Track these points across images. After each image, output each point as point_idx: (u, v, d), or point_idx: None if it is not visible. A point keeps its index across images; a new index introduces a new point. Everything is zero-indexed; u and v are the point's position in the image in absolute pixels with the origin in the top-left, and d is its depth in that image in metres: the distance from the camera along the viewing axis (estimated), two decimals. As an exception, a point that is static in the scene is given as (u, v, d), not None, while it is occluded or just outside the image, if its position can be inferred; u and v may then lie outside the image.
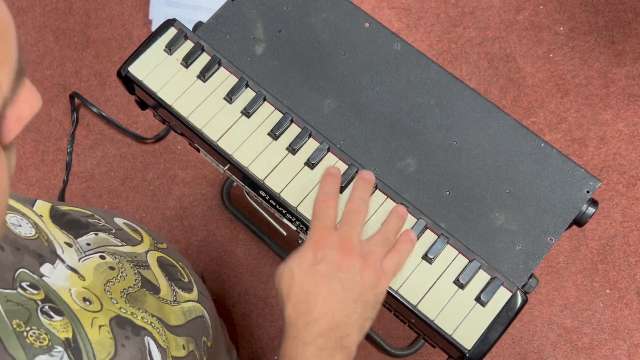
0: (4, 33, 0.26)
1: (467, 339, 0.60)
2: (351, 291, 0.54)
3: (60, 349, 0.42)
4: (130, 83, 0.71)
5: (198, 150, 0.75)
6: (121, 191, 1.29)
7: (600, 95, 1.30)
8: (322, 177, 0.61)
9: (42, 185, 1.30)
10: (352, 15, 0.74)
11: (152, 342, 0.50)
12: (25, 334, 0.41)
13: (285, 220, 0.68)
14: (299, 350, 0.52)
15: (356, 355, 0.55)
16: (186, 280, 0.66)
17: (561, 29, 1.35)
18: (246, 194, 0.78)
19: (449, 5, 1.38)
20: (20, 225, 0.50)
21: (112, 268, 0.55)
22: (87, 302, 0.48)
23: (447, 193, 0.67)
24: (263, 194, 0.67)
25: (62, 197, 1.29)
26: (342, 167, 0.65)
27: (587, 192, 0.66)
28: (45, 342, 0.41)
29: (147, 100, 0.72)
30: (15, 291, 0.43)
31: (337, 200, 0.59)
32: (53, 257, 0.50)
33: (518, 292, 0.61)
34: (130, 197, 1.29)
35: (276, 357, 1.20)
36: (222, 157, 0.68)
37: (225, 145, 0.67)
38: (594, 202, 0.66)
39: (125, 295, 0.53)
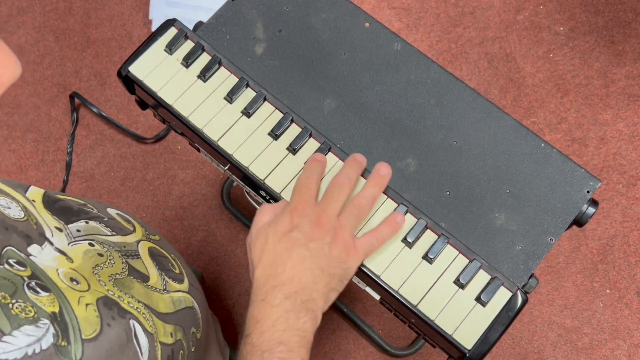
0: None
1: (467, 339, 0.60)
2: (318, 259, 0.56)
3: (46, 321, 0.42)
4: (130, 83, 0.71)
5: (198, 150, 0.75)
6: (121, 191, 1.29)
7: (600, 95, 1.30)
8: (307, 161, 0.64)
9: (42, 185, 1.30)
10: (352, 15, 0.74)
11: (137, 326, 0.51)
12: (10, 305, 0.41)
13: (285, 220, 0.68)
14: (267, 312, 0.54)
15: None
16: (177, 271, 0.66)
17: (561, 29, 1.35)
18: (246, 194, 0.78)
19: (449, 5, 1.38)
20: (9, 208, 0.50)
21: (100, 255, 0.55)
22: (75, 282, 0.49)
23: (447, 193, 0.67)
24: (263, 193, 0.67)
25: (62, 197, 1.29)
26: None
27: (587, 192, 0.66)
28: (31, 314, 0.42)
29: (148, 100, 0.73)
30: (1, 266, 0.43)
31: (319, 180, 0.61)
32: (41, 239, 0.50)
33: (518, 292, 0.61)
34: (130, 197, 1.29)
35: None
36: (223, 157, 0.68)
37: (226, 145, 0.67)
38: (594, 202, 0.66)
39: (112, 280, 0.53)
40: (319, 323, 0.56)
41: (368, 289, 0.64)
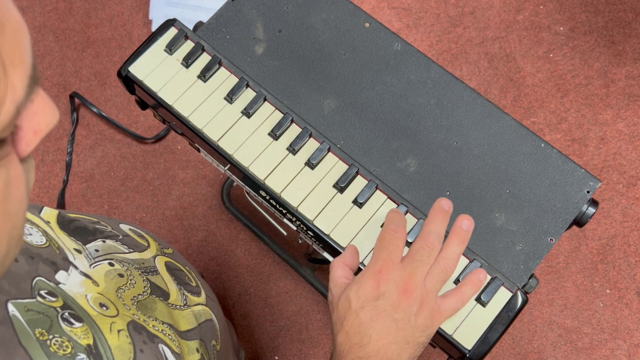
0: (18, 35, 0.26)
1: (467, 339, 0.60)
2: (404, 332, 0.53)
3: (83, 355, 0.42)
4: (130, 83, 0.71)
5: (198, 150, 0.75)
6: (121, 191, 1.29)
7: (600, 95, 1.30)
8: (389, 212, 0.59)
9: (42, 185, 1.30)
10: (352, 15, 0.74)
11: (166, 349, 0.50)
12: (48, 342, 0.40)
13: (285, 220, 0.68)
14: None
15: (334, 355, 0.55)
16: (194, 284, 0.66)
17: (561, 29, 1.35)
18: (246, 194, 0.78)
19: (449, 5, 1.38)
20: (30, 234, 0.50)
21: (121, 275, 0.55)
22: (104, 308, 0.48)
23: (447, 193, 0.67)
24: (263, 194, 0.67)
25: (62, 197, 1.29)
26: (343, 167, 0.65)
27: (587, 192, 0.66)
28: (69, 350, 0.41)
29: (148, 100, 0.72)
30: (34, 300, 0.43)
31: (405, 234, 0.57)
32: (66, 264, 0.50)
33: (518, 292, 0.61)
34: (130, 197, 1.29)
35: (276, 357, 1.20)
36: (223, 157, 0.68)
37: (226, 145, 0.67)
38: (594, 202, 0.66)
39: (136, 303, 0.53)
40: None
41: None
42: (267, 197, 0.67)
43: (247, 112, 0.68)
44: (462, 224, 0.57)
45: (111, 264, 0.55)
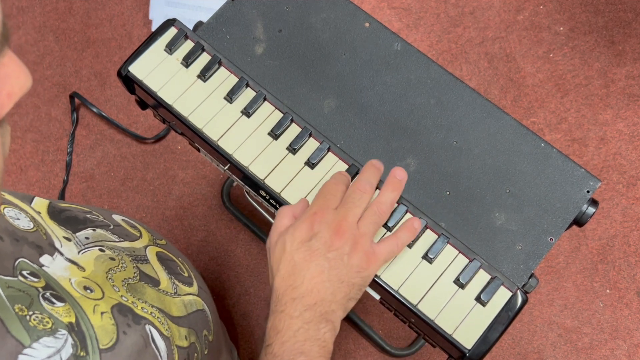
0: None
1: (467, 339, 0.60)
2: (337, 270, 0.55)
3: (64, 331, 0.42)
4: (130, 83, 0.71)
5: (198, 150, 0.75)
6: (121, 191, 1.29)
7: (600, 95, 1.30)
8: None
9: (42, 185, 1.30)
10: (352, 15, 0.74)
11: (154, 330, 0.51)
12: (28, 317, 0.41)
13: (285, 220, 0.68)
14: (286, 323, 0.54)
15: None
16: (186, 274, 0.66)
17: (561, 29, 1.35)
18: (246, 194, 0.78)
19: (449, 5, 1.38)
20: (18, 219, 0.50)
21: (112, 259, 0.55)
22: (88, 290, 0.48)
23: (447, 193, 0.67)
24: (263, 193, 0.67)
25: (62, 197, 1.29)
26: (343, 167, 0.65)
27: (587, 192, 0.66)
28: (49, 325, 0.42)
29: (147, 100, 0.73)
30: (16, 278, 0.43)
31: (346, 189, 0.59)
32: (52, 249, 0.50)
33: (518, 292, 0.61)
34: (130, 197, 1.29)
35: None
36: (223, 157, 0.68)
37: (226, 145, 0.67)
38: (594, 202, 0.66)
39: (126, 285, 0.53)
40: (337, 331, 0.56)
41: (368, 289, 0.64)
42: (267, 197, 0.67)
43: (247, 112, 0.68)
44: (396, 174, 0.60)
45: (102, 250, 0.56)
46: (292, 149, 0.66)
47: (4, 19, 0.27)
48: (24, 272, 0.44)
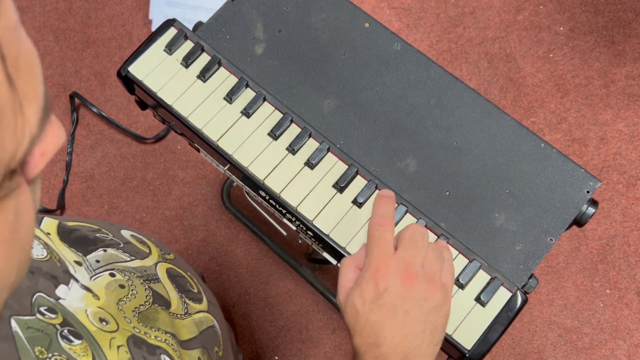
0: (32, 68, 0.25)
1: (467, 339, 0.60)
2: (417, 320, 0.52)
3: None
4: (130, 83, 0.71)
5: (198, 150, 0.75)
6: (121, 191, 1.29)
7: (600, 95, 1.30)
8: (375, 200, 0.59)
9: (42, 186, 1.30)
10: (352, 15, 0.74)
11: (168, 359, 0.51)
12: None
13: (285, 220, 0.68)
14: None
15: (355, 355, 0.55)
16: (195, 290, 0.66)
17: (561, 29, 1.35)
18: (246, 194, 0.78)
19: (449, 5, 1.38)
20: (32, 247, 0.50)
21: (122, 286, 0.54)
22: (104, 323, 0.48)
23: (447, 193, 0.67)
24: (263, 194, 0.67)
25: (62, 197, 1.29)
26: (342, 167, 0.65)
27: (587, 192, 0.66)
28: None
29: (147, 100, 0.72)
30: (34, 317, 0.43)
31: (393, 223, 0.56)
32: (67, 277, 0.50)
33: (518, 292, 0.61)
34: (130, 197, 1.29)
35: (276, 357, 1.20)
36: (222, 157, 0.68)
37: (225, 145, 0.67)
38: (594, 202, 0.66)
39: (137, 314, 0.53)
40: None
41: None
42: (267, 197, 0.67)
43: (247, 112, 0.68)
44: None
45: (112, 275, 0.55)
46: (292, 149, 0.66)
47: (46, 89, 0.27)
48: (42, 309, 0.44)
